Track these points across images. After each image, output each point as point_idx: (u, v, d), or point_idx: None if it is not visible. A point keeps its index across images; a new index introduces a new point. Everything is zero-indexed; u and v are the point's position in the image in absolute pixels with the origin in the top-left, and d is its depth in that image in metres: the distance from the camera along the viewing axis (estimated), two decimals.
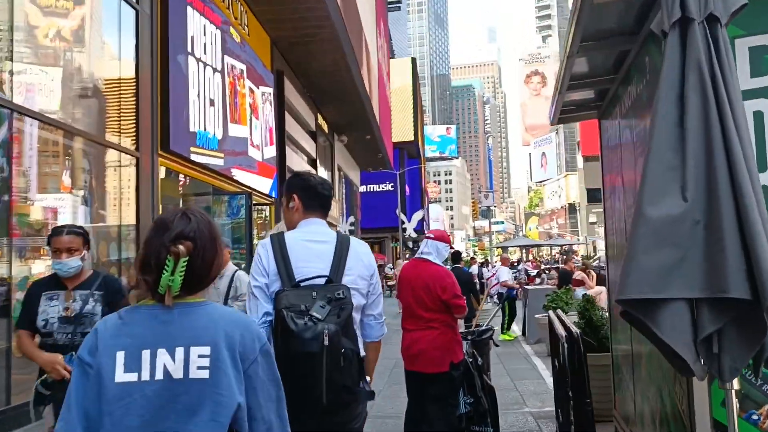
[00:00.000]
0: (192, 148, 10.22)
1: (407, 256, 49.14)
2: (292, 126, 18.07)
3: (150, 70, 9.15)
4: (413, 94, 47.96)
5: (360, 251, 2.94)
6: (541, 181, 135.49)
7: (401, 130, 45.08)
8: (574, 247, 67.22)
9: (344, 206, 30.83)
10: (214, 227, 1.98)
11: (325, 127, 24.29)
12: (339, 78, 19.54)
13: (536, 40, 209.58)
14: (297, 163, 18.90)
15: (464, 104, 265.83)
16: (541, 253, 74.23)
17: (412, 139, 46.74)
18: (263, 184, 14.39)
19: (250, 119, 13.66)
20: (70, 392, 1.81)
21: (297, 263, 2.78)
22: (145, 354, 1.79)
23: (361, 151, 31.50)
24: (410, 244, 57.66)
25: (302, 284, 2.68)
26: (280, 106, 16.54)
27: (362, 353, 2.85)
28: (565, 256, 18.47)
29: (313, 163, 21.57)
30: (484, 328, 5.44)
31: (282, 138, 16.60)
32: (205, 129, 10.80)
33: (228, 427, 1.80)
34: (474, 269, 21.50)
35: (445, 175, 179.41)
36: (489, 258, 40.07)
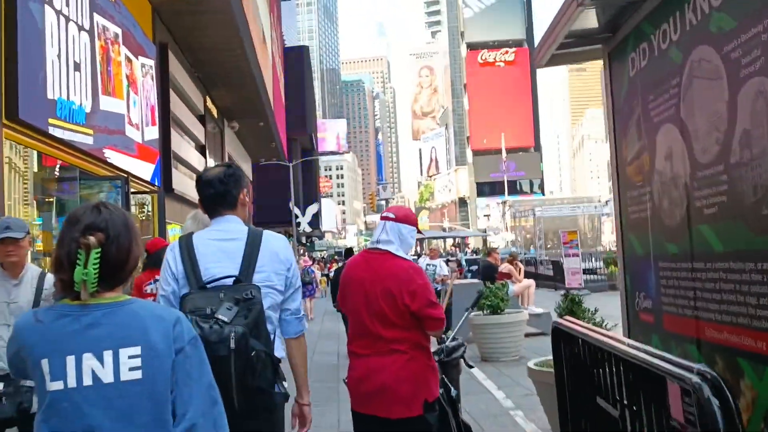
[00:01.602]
0: (51, 120, 8.20)
1: (302, 252, 47.31)
2: (178, 107, 16.03)
3: None
4: (305, 82, 46.16)
5: (274, 246, 2.79)
6: (431, 176, 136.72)
7: (294, 120, 43.18)
8: (467, 240, 67.43)
9: None
10: (129, 218, 1.89)
11: (215, 112, 22.22)
12: (231, 55, 17.61)
13: (425, 36, 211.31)
14: (184, 148, 16.88)
15: (354, 99, 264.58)
16: (431, 246, 74.08)
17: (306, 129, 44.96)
18: (143, 170, 12.37)
19: (128, 93, 11.63)
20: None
21: (206, 264, 2.65)
22: (70, 360, 1.72)
23: (253, 140, 29.47)
24: (304, 240, 55.85)
25: (210, 285, 2.56)
26: (164, 82, 14.49)
27: (282, 354, 2.76)
28: (488, 248, 17.48)
29: (201, 149, 19.54)
30: (453, 343, 3.96)
31: (166, 118, 14.57)
32: (68, 98, 8.79)
33: (171, 422, 1.76)
34: None
35: (337, 169, 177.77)
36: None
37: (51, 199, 9.99)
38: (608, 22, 3.77)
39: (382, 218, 3.55)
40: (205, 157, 19.74)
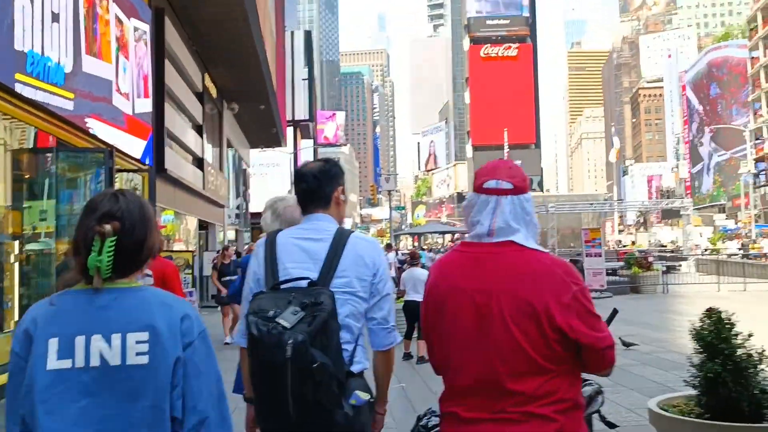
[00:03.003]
0: (18, 75, 6.81)
1: None
2: (174, 81, 14.64)
3: None
4: (308, 69, 44.71)
5: (359, 248, 2.53)
6: (429, 170, 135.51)
7: (295, 107, 41.75)
8: (466, 235, 65.87)
9: (233, 187, 27.31)
10: (146, 207, 1.93)
11: (214, 92, 20.80)
12: (233, 28, 16.18)
13: (427, 30, 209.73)
14: (180, 126, 15.48)
15: (353, 91, 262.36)
16: (427, 241, 72.80)
17: (307, 117, 43.48)
18: (133, 146, 10.97)
19: (117, 57, 10.23)
20: (7, 392, 1.80)
21: (286, 264, 2.48)
22: (79, 340, 1.76)
23: (252, 125, 28.02)
24: None
25: (283, 287, 2.34)
26: (159, 51, 13.08)
27: (363, 366, 2.46)
28: None
29: (198, 129, 18.11)
30: (589, 389, 2.60)
31: (161, 92, 13.18)
32: (43, 52, 7.40)
33: (168, 412, 1.77)
34: (390, 257, 18.71)
35: None
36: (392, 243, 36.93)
37: (26, 175, 8.60)
38: None
39: (490, 191, 2.14)
40: (202, 138, 18.32)
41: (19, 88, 6.77)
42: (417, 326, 9.60)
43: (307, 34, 46.96)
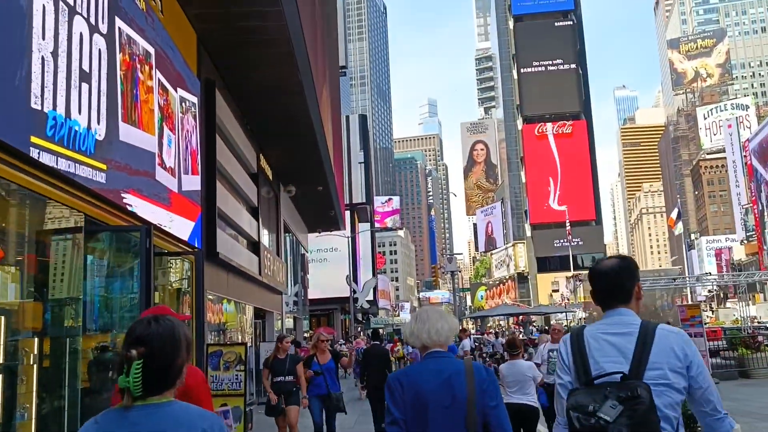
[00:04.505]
0: (34, 138, 5.66)
1: (359, 330, 44.12)
2: (226, 158, 13.61)
3: None
4: (363, 152, 44.13)
5: (669, 341, 2.58)
6: (486, 251, 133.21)
7: (352, 190, 40.93)
8: (532, 318, 62.98)
9: (291, 273, 26.12)
10: (177, 330, 2.11)
11: (269, 173, 19.84)
12: (289, 104, 15.26)
13: (478, 112, 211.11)
14: (233, 207, 14.35)
15: (407, 176, 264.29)
16: (489, 325, 70.06)
17: (364, 200, 42.55)
18: (180, 227, 9.78)
19: (161, 128, 9.18)
20: None
21: (597, 358, 2.60)
22: None
23: (310, 208, 27.03)
24: (360, 316, 52.71)
25: (597, 381, 2.50)
26: (210, 124, 12.10)
27: None
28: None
29: (254, 212, 17.01)
30: None
31: (212, 168, 12.11)
32: (69, 115, 6.29)
33: None
34: (465, 345, 17.00)
35: (390, 245, 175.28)
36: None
37: (49, 260, 7.39)
38: None
39: None
40: (258, 221, 17.20)
41: (34, 153, 5.61)
42: None
43: (362, 118, 46.67)
